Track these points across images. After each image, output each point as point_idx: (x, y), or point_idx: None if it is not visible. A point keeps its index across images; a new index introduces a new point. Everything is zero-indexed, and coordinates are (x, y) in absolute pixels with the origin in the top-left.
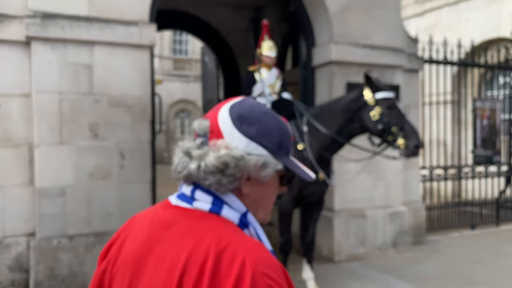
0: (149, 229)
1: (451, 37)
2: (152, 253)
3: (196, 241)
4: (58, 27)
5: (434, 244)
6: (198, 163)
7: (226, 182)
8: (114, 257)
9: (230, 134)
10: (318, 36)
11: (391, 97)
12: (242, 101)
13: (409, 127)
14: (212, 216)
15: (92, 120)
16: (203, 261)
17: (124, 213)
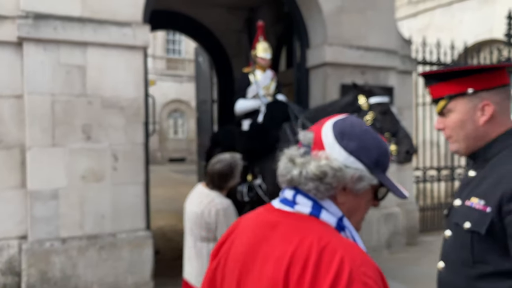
0: (255, 229)
1: (444, 38)
2: (259, 251)
3: (300, 239)
4: (51, 27)
5: (427, 245)
6: (300, 170)
7: (323, 189)
8: (225, 256)
9: (331, 147)
10: (312, 37)
11: (385, 102)
12: (345, 118)
13: (402, 132)
14: (312, 219)
15: (85, 121)
16: (306, 256)
17: (118, 215)
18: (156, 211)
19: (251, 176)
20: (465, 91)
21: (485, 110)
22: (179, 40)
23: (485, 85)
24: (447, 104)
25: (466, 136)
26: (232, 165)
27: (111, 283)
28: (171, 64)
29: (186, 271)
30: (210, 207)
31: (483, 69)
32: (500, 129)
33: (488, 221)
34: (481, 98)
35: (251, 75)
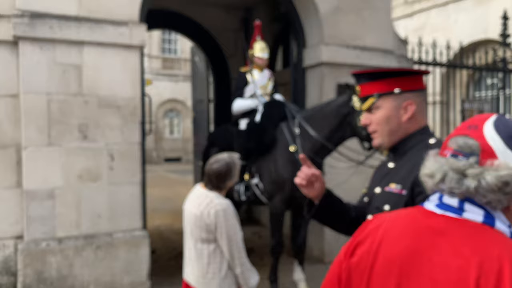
0: (415, 234)
1: (440, 38)
2: (424, 256)
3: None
4: (47, 27)
5: None
6: (477, 182)
7: (504, 199)
8: (370, 257)
9: (503, 154)
10: (309, 37)
11: None
12: (506, 120)
13: None
14: (486, 228)
15: (81, 121)
16: (498, 269)
17: (114, 215)
18: (152, 210)
19: (248, 176)
20: (393, 90)
21: (408, 109)
22: (175, 39)
23: (410, 87)
24: (376, 102)
25: (390, 131)
26: (230, 165)
27: (108, 283)
28: (167, 63)
29: (186, 272)
30: (209, 208)
31: (409, 72)
32: (416, 126)
33: (403, 201)
34: (405, 98)
35: (249, 75)
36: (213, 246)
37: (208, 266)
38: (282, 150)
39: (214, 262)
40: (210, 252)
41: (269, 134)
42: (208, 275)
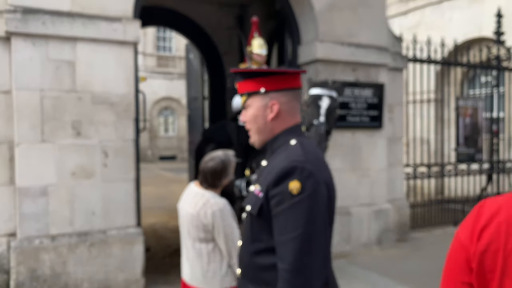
0: None
1: (435, 36)
2: None
3: None
4: (40, 22)
5: (417, 241)
6: None
7: None
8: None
9: None
10: (304, 34)
11: (316, 94)
12: None
13: (313, 129)
14: None
15: (74, 117)
16: None
17: (108, 212)
18: (147, 208)
19: (249, 171)
20: (259, 90)
21: (273, 109)
22: (169, 37)
23: (276, 87)
24: (247, 100)
25: (258, 129)
26: (225, 163)
27: (102, 280)
28: (162, 61)
29: (184, 272)
30: (206, 208)
31: (274, 73)
32: (283, 126)
33: (259, 204)
34: (271, 98)
35: None
36: (212, 245)
37: (208, 265)
38: None
39: (214, 261)
40: (209, 251)
41: None
42: (208, 274)
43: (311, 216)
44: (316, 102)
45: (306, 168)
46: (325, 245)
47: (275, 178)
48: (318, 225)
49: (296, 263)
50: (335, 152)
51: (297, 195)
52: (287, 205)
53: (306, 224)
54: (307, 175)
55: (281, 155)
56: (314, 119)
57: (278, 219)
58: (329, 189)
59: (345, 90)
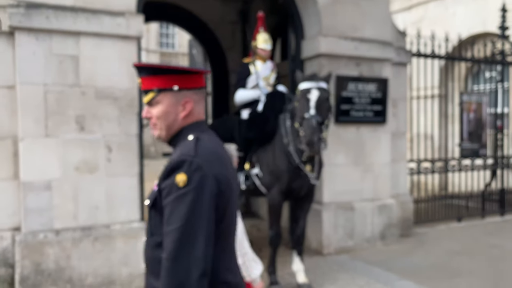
0: None
1: (439, 31)
2: None
3: None
4: (43, 17)
5: (421, 237)
6: None
7: None
8: None
9: None
10: (307, 28)
11: (305, 88)
12: None
13: (304, 123)
14: None
15: (78, 112)
16: None
17: (112, 206)
18: None
19: (249, 165)
20: (172, 87)
21: (186, 106)
22: (172, 33)
23: (189, 85)
24: (156, 96)
25: (167, 126)
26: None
27: (106, 275)
28: (165, 58)
29: None
30: None
31: (189, 71)
32: (188, 121)
33: (153, 197)
34: (184, 95)
35: (252, 66)
36: None
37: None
38: (279, 141)
39: None
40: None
41: (271, 124)
42: None
43: (195, 208)
44: (305, 96)
45: (195, 162)
46: (208, 237)
47: (166, 172)
48: (201, 217)
49: (175, 252)
50: (339, 147)
51: (183, 188)
52: (173, 197)
53: (188, 215)
54: (195, 168)
55: (177, 150)
56: (305, 112)
57: (165, 210)
58: (221, 184)
59: (349, 84)
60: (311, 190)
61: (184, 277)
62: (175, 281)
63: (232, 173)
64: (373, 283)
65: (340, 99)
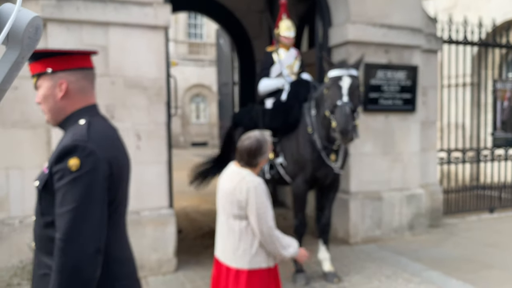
0: None
1: (472, 17)
2: None
3: None
4: (74, 8)
5: (451, 227)
6: None
7: None
8: None
9: None
10: (335, 16)
11: (335, 76)
12: None
13: (337, 110)
14: None
15: (108, 101)
16: None
17: (141, 194)
18: (179, 192)
19: (273, 154)
20: (45, 71)
21: (61, 88)
22: (200, 24)
23: (62, 67)
24: (37, 81)
25: (49, 109)
26: (260, 141)
27: (135, 260)
28: (193, 48)
29: (218, 248)
30: (241, 185)
31: (57, 53)
32: (76, 106)
33: (44, 180)
34: (59, 77)
35: (275, 54)
36: (245, 223)
37: (239, 242)
38: (303, 130)
39: (246, 239)
40: (242, 228)
41: (294, 113)
42: (238, 251)
43: (88, 191)
44: (336, 83)
45: (88, 147)
46: (101, 217)
47: (57, 155)
48: (94, 199)
49: (70, 232)
50: (367, 136)
51: (75, 172)
52: (66, 181)
53: (82, 198)
54: (88, 153)
55: (68, 134)
56: (337, 100)
57: (58, 193)
58: (112, 166)
59: (378, 72)
60: (336, 179)
61: (79, 256)
62: (71, 259)
63: (124, 154)
64: (401, 273)
65: (369, 87)
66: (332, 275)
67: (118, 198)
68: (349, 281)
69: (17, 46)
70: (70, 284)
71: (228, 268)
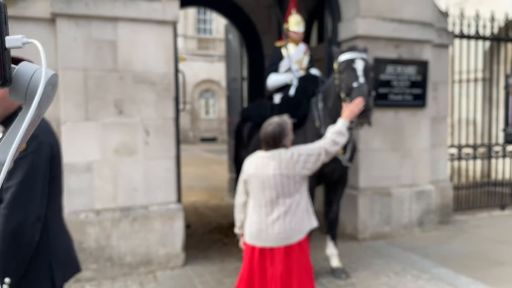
0: None
1: (484, 11)
2: None
3: None
4: (82, 3)
5: (461, 224)
6: None
7: None
8: None
9: None
10: (344, 10)
11: (348, 59)
12: None
13: (355, 91)
14: None
15: (117, 96)
16: None
17: (150, 188)
18: (188, 188)
19: None
20: None
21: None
22: (210, 19)
23: None
24: None
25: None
26: (281, 124)
27: (144, 254)
28: (202, 44)
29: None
30: (286, 156)
31: None
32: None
33: None
34: None
35: (284, 49)
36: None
37: (300, 214)
38: (311, 125)
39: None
40: (297, 202)
41: (302, 108)
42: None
43: (32, 168)
44: (350, 66)
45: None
46: (42, 191)
47: None
48: (37, 175)
49: (13, 202)
50: (376, 132)
51: (22, 152)
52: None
53: (26, 173)
54: (32, 137)
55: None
56: (354, 82)
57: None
58: (53, 149)
59: (387, 67)
60: (344, 174)
61: (21, 221)
62: (13, 223)
63: (59, 143)
64: (409, 269)
65: (378, 82)
66: (340, 271)
67: (57, 177)
68: (357, 277)
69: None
70: (12, 247)
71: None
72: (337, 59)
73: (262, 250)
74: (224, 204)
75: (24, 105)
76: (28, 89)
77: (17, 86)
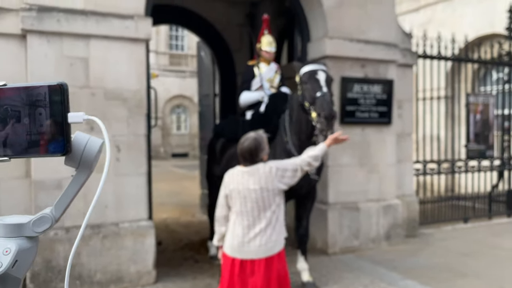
0: None
1: (446, 32)
2: None
3: None
4: (54, 20)
5: (427, 237)
6: None
7: None
8: None
9: None
10: (313, 31)
11: (309, 70)
12: None
13: (319, 99)
14: None
15: (88, 113)
16: None
17: (121, 205)
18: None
19: None
20: None
21: None
22: (182, 35)
23: None
24: None
25: None
26: (258, 139)
27: (114, 272)
28: (174, 59)
29: (250, 250)
30: (264, 170)
31: None
32: None
33: None
34: None
35: (256, 68)
36: (274, 206)
37: (280, 226)
38: (280, 141)
39: (280, 219)
40: (276, 213)
41: (272, 124)
42: (282, 231)
43: None
44: (313, 77)
45: None
46: None
47: None
48: None
49: None
50: (344, 148)
51: None
52: None
53: None
54: None
55: None
56: (317, 91)
57: None
58: None
59: (354, 86)
60: (313, 189)
61: None
62: None
63: None
64: (378, 282)
65: (346, 100)
66: (311, 285)
67: None
68: None
69: (86, 170)
70: None
71: (265, 259)
72: (299, 72)
73: (243, 262)
74: (195, 221)
75: (77, 169)
76: (82, 157)
77: (72, 154)
